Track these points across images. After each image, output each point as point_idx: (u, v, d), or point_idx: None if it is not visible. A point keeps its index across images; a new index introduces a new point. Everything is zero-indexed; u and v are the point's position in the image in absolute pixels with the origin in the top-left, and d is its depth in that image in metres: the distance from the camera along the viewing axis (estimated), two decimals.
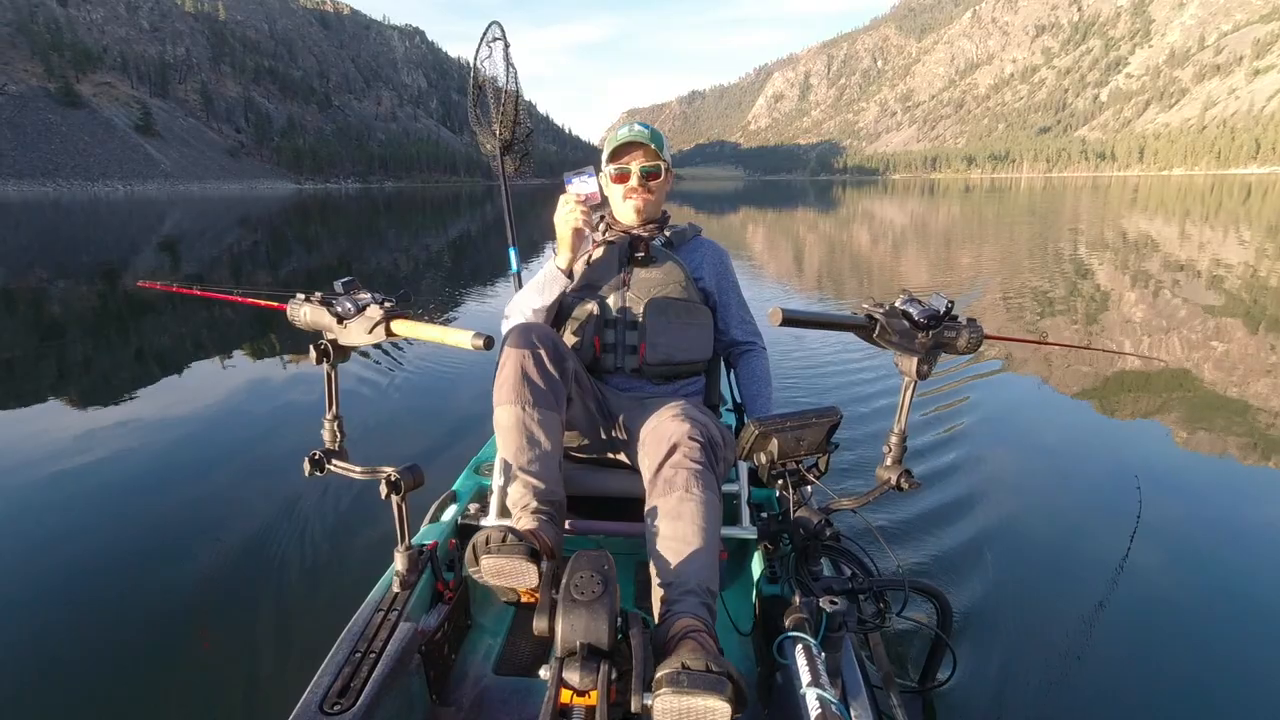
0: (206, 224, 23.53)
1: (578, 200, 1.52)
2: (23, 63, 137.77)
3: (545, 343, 1.43)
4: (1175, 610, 2.01)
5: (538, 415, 1.38)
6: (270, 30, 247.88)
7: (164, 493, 2.82)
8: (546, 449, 1.38)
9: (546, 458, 1.38)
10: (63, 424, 3.71)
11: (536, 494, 1.36)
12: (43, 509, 2.69)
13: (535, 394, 1.38)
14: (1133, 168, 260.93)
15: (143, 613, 2.01)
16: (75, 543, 2.42)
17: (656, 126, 1.75)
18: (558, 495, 1.40)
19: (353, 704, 1.06)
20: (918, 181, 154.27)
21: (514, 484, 1.38)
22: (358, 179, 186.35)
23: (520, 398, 1.37)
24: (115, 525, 2.55)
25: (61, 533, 2.50)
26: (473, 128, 2.30)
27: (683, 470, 1.28)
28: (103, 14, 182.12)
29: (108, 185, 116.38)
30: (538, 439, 1.38)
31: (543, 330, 1.47)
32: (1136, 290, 7.45)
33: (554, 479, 1.39)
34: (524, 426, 1.37)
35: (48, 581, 2.18)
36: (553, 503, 1.38)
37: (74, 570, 2.24)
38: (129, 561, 2.30)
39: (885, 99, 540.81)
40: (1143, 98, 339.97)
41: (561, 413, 1.44)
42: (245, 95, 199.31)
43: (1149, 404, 3.89)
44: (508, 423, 1.39)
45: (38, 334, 6.18)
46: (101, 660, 1.81)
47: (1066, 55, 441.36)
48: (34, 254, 13.92)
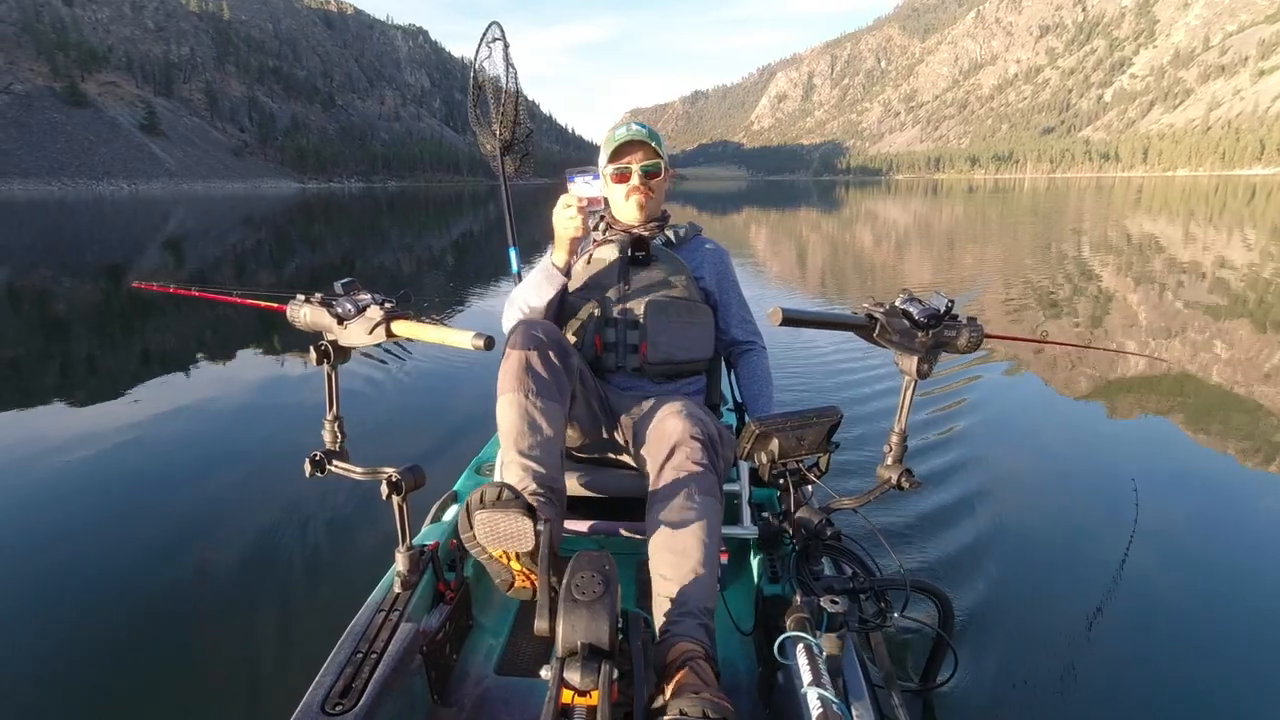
0: (211, 223, 23.61)
1: (579, 205, 1.49)
2: (28, 62, 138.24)
3: (550, 338, 1.42)
4: (1175, 611, 2.00)
5: (540, 404, 1.35)
6: (274, 30, 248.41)
7: (164, 493, 2.83)
8: (548, 435, 1.34)
9: (548, 444, 1.34)
10: (61, 423, 3.73)
11: (536, 477, 1.31)
12: (41, 508, 2.69)
13: (539, 384, 1.36)
14: (1137, 169, 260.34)
15: (143, 613, 2.01)
16: (74, 543, 2.42)
17: (660, 126, 1.77)
18: (558, 484, 1.35)
19: (354, 704, 1.06)
20: (921, 182, 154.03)
21: (510, 467, 1.33)
22: (361, 178, 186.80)
23: (523, 386, 1.35)
24: (115, 525, 2.55)
25: (60, 532, 2.50)
26: (473, 128, 2.30)
27: (684, 472, 1.28)
28: (108, 13, 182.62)
29: (113, 184, 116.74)
30: (539, 425, 1.34)
31: (548, 326, 1.46)
32: (1139, 290, 7.43)
33: (554, 466, 1.35)
34: (526, 413, 1.34)
35: (46, 582, 2.18)
36: (552, 489, 1.32)
37: (72, 570, 2.24)
38: (129, 562, 2.29)
39: (889, 99, 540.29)
40: (1147, 98, 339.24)
41: (564, 405, 1.41)
42: (249, 95, 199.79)
43: (1149, 404, 3.88)
44: (509, 410, 1.35)
45: (41, 333, 6.20)
46: (102, 660, 1.81)
47: (1070, 55, 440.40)
48: (38, 253, 13.99)
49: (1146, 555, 2.25)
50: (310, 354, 1.29)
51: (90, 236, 18.40)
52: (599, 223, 1.80)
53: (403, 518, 1.31)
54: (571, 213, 1.49)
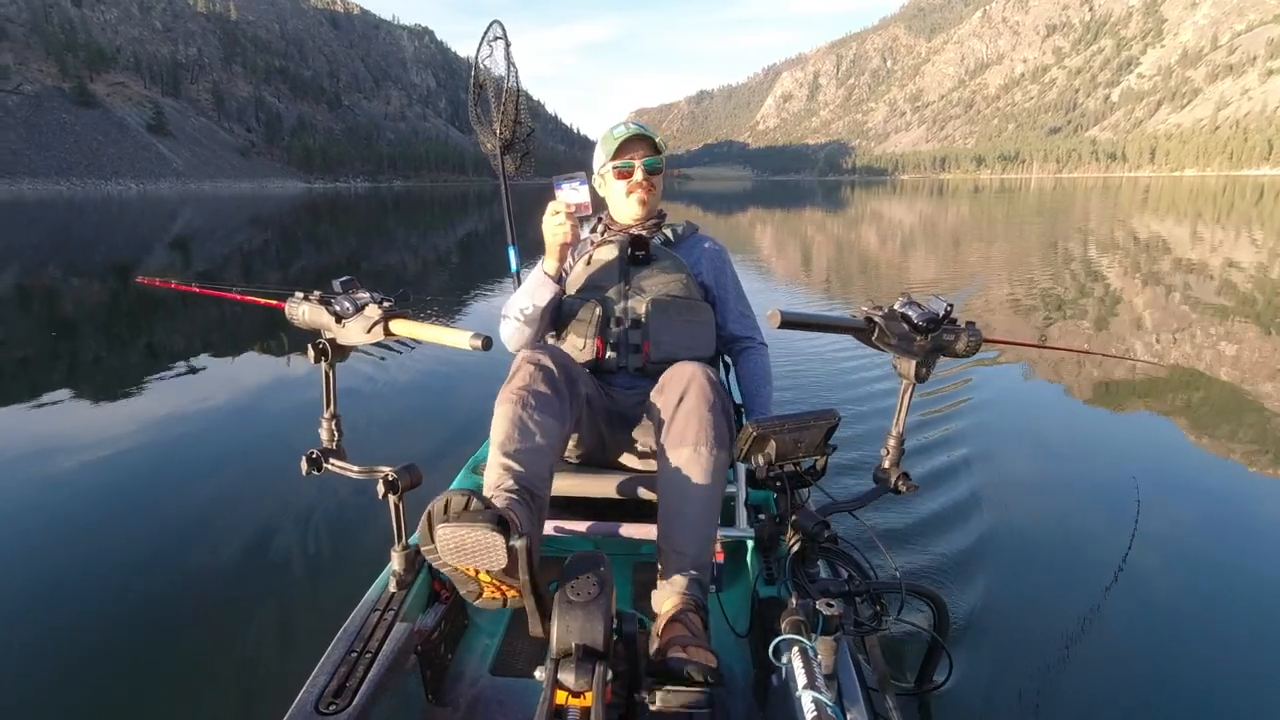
0: (218, 222, 23.72)
1: (567, 211, 1.48)
2: (38, 63, 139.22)
3: (559, 363, 1.38)
4: (1172, 614, 2.00)
5: (537, 417, 1.30)
6: (281, 30, 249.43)
7: (159, 491, 2.82)
8: (539, 444, 1.27)
9: (536, 451, 1.26)
10: (60, 423, 3.72)
11: (515, 476, 1.22)
12: (37, 508, 2.69)
13: (539, 400, 1.31)
14: (1144, 168, 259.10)
15: (137, 612, 2.00)
16: (71, 542, 2.41)
17: (665, 126, 1.80)
18: (540, 488, 1.26)
19: (348, 704, 1.05)
20: (926, 182, 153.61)
21: (491, 468, 1.25)
22: (367, 178, 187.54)
23: (523, 400, 1.30)
24: (111, 524, 2.54)
25: (57, 532, 2.49)
26: (473, 126, 2.30)
27: (695, 418, 1.30)
28: (116, 14, 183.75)
29: (121, 184, 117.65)
30: (531, 433, 1.28)
31: (557, 352, 1.42)
32: (1144, 292, 7.39)
33: (539, 473, 1.26)
34: (519, 421, 1.28)
35: (45, 582, 2.18)
36: (532, 492, 1.22)
37: (69, 570, 2.23)
38: (123, 560, 2.29)
39: (894, 99, 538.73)
40: (1154, 98, 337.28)
41: (564, 425, 1.35)
42: (256, 95, 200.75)
43: (1149, 406, 3.85)
44: (502, 419, 1.30)
45: (49, 330, 6.24)
46: (96, 658, 1.81)
47: (1078, 55, 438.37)
48: (47, 252, 14.07)
49: (1146, 557, 2.24)
50: (308, 352, 1.29)
51: (98, 236, 18.50)
52: (596, 224, 1.81)
53: (399, 517, 1.30)
54: (560, 219, 1.49)
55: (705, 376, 1.35)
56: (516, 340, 1.66)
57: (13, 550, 2.38)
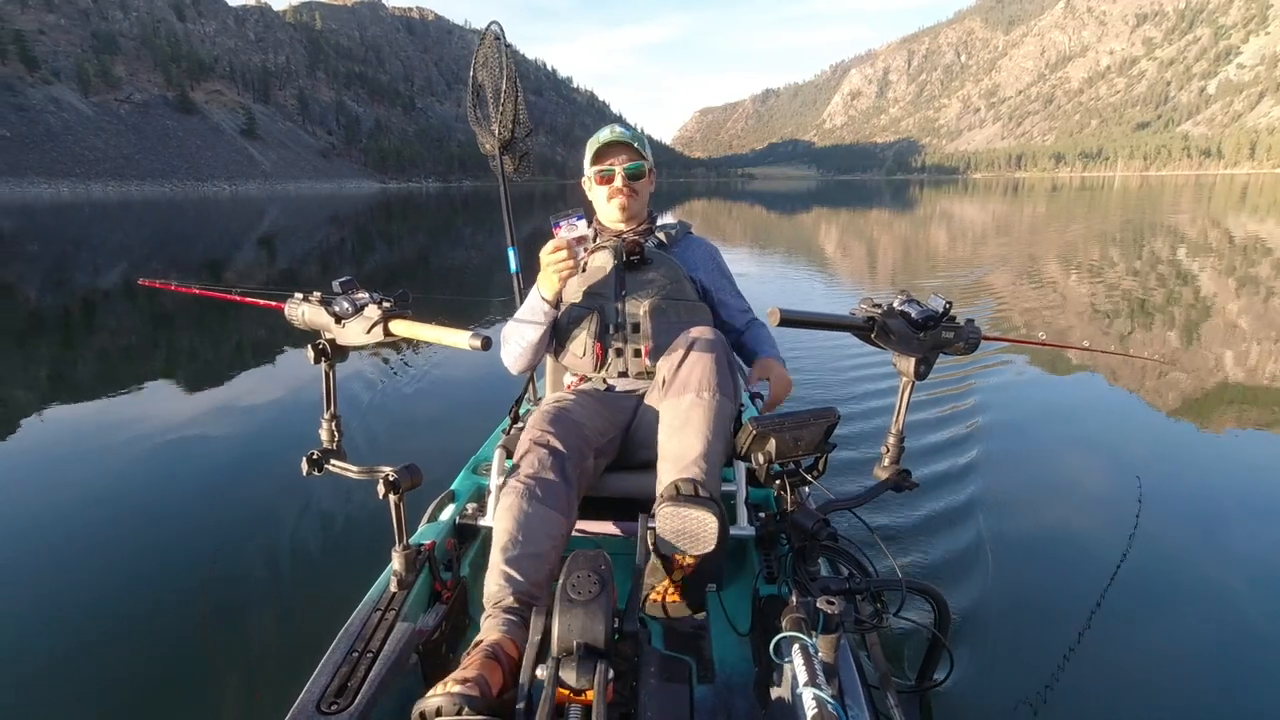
0: (300, 221, 24.99)
1: (569, 245, 1.46)
2: (146, 73, 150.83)
3: (569, 445, 1.36)
4: (1172, 611, 1.96)
5: (542, 510, 1.28)
6: (361, 37, 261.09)
7: (159, 491, 2.84)
8: (542, 549, 1.26)
9: (537, 558, 1.25)
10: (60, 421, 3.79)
11: (515, 590, 1.21)
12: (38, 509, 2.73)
13: (545, 490, 1.29)
14: (1242, 165, 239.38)
15: (139, 612, 2.01)
16: (70, 542, 2.44)
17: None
18: (538, 596, 1.24)
19: (350, 703, 1.05)
20: (1000, 180, 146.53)
21: (493, 572, 1.24)
22: (438, 178, 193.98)
23: (529, 493, 1.28)
24: (112, 524, 2.55)
25: (55, 532, 2.51)
26: (472, 127, 2.29)
27: (698, 367, 1.31)
28: (214, 26, 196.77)
29: (215, 185, 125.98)
30: (534, 533, 1.26)
31: (569, 427, 1.40)
32: (1238, 299, 6.88)
33: (537, 582, 1.24)
34: (523, 520, 1.26)
35: (48, 582, 2.20)
36: (530, 604, 1.21)
37: (71, 570, 2.25)
38: (125, 560, 2.30)
39: (968, 95, 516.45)
40: (1256, 89, 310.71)
41: (569, 517, 1.34)
42: (337, 99, 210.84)
43: (1149, 406, 3.73)
44: (505, 515, 1.28)
45: (152, 325, 6.66)
46: (97, 659, 1.82)
47: (1170, 45, 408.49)
48: (151, 249, 15.24)
49: (1144, 555, 2.19)
50: (308, 353, 1.30)
51: (196, 233, 19.78)
52: (593, 230, 1.82)
53: (399, 517, 1.30)
54: (562, 254, 1.48)
55: (710, 333, 1.37)
56: (519, 364, 1.69)
57: (16, 550, 2.41)
